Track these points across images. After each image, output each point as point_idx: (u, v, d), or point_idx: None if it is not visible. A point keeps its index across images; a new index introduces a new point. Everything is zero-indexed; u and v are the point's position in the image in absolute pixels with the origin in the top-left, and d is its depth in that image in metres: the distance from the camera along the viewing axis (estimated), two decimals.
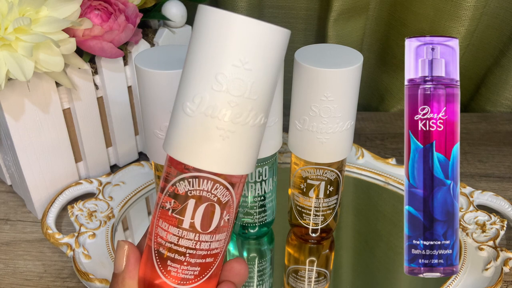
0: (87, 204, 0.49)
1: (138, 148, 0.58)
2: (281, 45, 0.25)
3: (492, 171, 0.57)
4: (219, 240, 0.28)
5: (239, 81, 0.24)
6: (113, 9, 0.45)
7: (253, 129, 0.26)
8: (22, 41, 0.38)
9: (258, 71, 0.25)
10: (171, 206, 0.27)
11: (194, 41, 0.25)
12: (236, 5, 0.64)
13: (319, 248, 0.47)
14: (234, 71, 0.24)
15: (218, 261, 0.29)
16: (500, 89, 0.68)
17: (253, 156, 0.27)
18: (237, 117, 0.25)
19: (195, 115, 0.25)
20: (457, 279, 0.41)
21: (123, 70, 0.51)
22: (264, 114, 0.26)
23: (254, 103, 0.25)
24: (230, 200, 0.27)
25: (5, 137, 0.46)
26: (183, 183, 0.27)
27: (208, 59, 0.25)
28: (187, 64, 0.26)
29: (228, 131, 0.25)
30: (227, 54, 0.24)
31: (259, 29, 0.24)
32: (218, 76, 0.24)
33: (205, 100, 0.25)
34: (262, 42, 0.24)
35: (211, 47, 0.24)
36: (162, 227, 0.28)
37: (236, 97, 0.25)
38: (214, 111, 0.25)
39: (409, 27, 0.66)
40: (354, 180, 0.55)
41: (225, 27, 0.24)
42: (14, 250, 0.46)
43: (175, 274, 0.28)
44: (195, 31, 0.25)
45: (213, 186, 0.26)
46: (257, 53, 0.24)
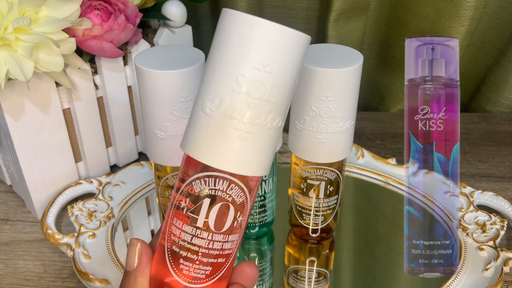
0: (87, 204, 0.49)
1: (138, 148, 0.58)
2: (302, 50, 0.26)
3: (492, 171, 0.57)
4: (232, 241, 0.28)
5: (259, 84, 0.25)
6: (113, 9, 0.45)
7: (270, 131, 0.26)
8: (22, 41, 0.38)
9: (278, 74, 0.25)
10: (186, 205, 0.28)
11: (217, 43, 0.26)
12: (236, 5, 0.64)
13: (319, 248, 0.47)
14: (255, 73, 0.25)
15: (230, 263, 0.29)
16: (500, 89, 0.68)
17: (268, 159, 0.28)
18: (256, 119, 0.26)
19: (214, 115, 0.26)
20: (457, 279, 0.41)
21: (123, 70, 0.51)
22: (281, 118, 0.27)
23: (273, 106, 0.26)
24: (245, 201, 0.28)
25: (5, 137, 0.46)
26: (199, 182, 0.27)
27: (229, 61, 0.25)
28: (209, 65, 0.26)
29: (246, 132, 0.26)
30: (249, 56, 0.25)
31: (281, 34, 0.25)
32: (239, 77, 0.25)
33: (225, 100, 0.25)
34: (283, 46, 0.25)
35: (233, 49, 0.25)
36: (176, 225, 0.28)
37: (255, 99, 0.25)
38: (233, 112, 0.25)
39: (409, 27, 0.66)
40: (354, 180, 0.55)
41: (248, 31, 0.25)
42: (14, 250, 0.46)
43: (186, 272, 0.28)
44: (218, 33, 0.26)
45: (229, 186, 0.27)
46: (278, 56, 0.25)
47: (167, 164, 0.39)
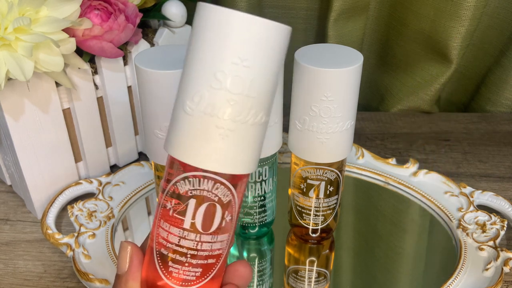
0: (87, 204, 0.49)
1: (138, 148, 0.58)
2: (281, 42, 0.25)
3: (492, 171, 0.57)
4: (221, 241, 0.28)
5: (238, 79, 0.24)
6: (113, 9, 0.45)
7: (253, 127, 0.26)
8: (22, 41, 0.38)
9: (257, 68, 0.24)
10: (172, 206, 0.27)
11: (193, 39, 0.25)
12: (236, 5, 0.64)
13: (319, 248, 0.47)
14: (233, 68, 0.24)
15: (221, 263, 0.29)
16: (500, 89, 0.68)
17: (254, 155, 0.27)
18: (237, 116, 0.25)
19: (194, 113, 0.25)
20: (457, 279, 0.41)
21: (123, 70, 0.51)
22: (264, 112, 0.26)
23: (254, 101, 0.25)
24: (232, 200, 0.27)
25: (5, 137, 0.46)
26: (183, 182, 0.26)
27: (207, 57, 0.24)
28: (187, 62, 0.26)
29: (228, 130, 0.25)
30: (226, 51, 0.24)
31: (258, 26, 0.24)
32: (217, 74, 0.24)
33: (204, 98, 0.25)
34: (261, 39, 0.24)
35: (209, 44, 0.24)
36: (164, 228, 0.27)
37: (235, 95, 0.24)
38: (213, 109, 0.24)
39: (409, 27, 0.66)
40: (354, 180, 0.55)
41: (224, 24, 0.24)
42: (14, 250, 0.46)
43: (176, 275, 0.28)
44: (194, 29, 0.25)
45: (214, 186, 0.26)
46: (256, 50, 0.24)
47: None
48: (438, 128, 0.66)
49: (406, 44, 0.67)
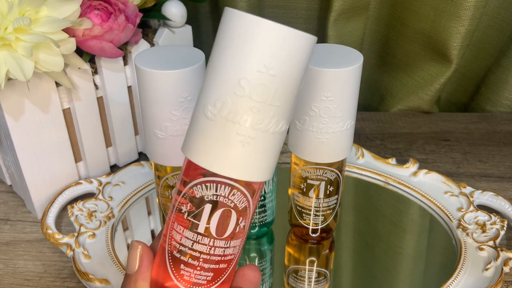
0: (87, 204, 0.49)
1: (138, 148, 0.58)
2: (307, 52, 0.25)
3: (492, 171, 0.57)
4: (234, 246, 0.28)
5: (263, 87, 0.24)
6: (113, 9, 0.45)
7: (273, 136, 0.25)
8: (22, 41, 0.38)
9: (282, 77, 0.24)
10: (187, 209, 0.27)
11: (219, 44, 0.25)
12: (236, 5, 0.64)
13: (319, 248, 0.47)
14: (258, 76, 0.24)
15: (232, 268, 0.29)
16: (500, 89, 0.68)
17: (272, 163, 0.27)
18: (258, 124, 0.25)
19: (216, 119, 0.25)
20: (457, 279, 0.41)
21: (123, 70, 0.51)
22: (285, 121, 0.26)
23: (277, 109, 0.25)
24: (247, 207, 0.27)
25: (5, 137, 0.46)
26: (200, 187, 0.26)
27: (232, 63, 0.24)
28: (211, 66, 0.25)
29: (249, 137, 0.25)
30: (252, 59, 0.24)
31: (285, 35, 0.24)
32: (241, 81, 0.24)
33: (227, 104, 0.24)
34: (288, 48, 0.24)
35: (235, 51, 0.24)
36: (177, 230, 0.27)
37: (258, 103, 0.24)
38: (235, 116, 0.24)
39: (409, 27, 0.66)
40: (354, 180, 0.55)
41: (251, 32, 0.24)
42: (14, 250, 0.46)
43: (187, 278, 0.28)
44: (220, 34, 0.25)
45: (231, 192, 0.26)
46: (282, 59, 0.24)
47: (167, 164, 0.39)
48: (438, 128, 0.66)
49: (406, 44, 0.67)
